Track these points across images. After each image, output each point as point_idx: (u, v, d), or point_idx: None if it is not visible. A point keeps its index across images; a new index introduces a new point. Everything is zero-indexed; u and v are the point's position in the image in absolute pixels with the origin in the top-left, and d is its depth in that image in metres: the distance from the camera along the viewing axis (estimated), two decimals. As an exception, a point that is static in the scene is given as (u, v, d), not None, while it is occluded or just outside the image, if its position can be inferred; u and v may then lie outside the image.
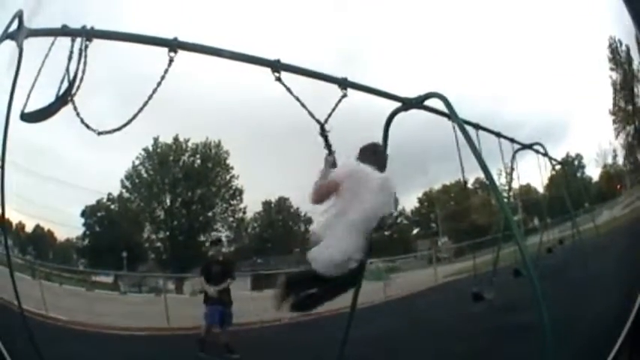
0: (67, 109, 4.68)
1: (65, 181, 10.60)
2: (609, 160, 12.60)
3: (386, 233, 14.62)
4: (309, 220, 14.36)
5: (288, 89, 5.30)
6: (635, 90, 10.58)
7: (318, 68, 5.78)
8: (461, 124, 6.15)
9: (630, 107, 10.96)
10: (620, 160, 12.22)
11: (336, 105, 5.64)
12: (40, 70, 4.67)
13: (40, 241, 11.91)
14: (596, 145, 12.36)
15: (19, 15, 4.73)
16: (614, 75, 10.51)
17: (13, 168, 6.12)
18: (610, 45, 10.12)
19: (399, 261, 14.18)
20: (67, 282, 12.30)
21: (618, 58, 10.10)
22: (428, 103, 6.46)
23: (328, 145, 5.53)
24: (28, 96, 4.65)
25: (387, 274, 12.43)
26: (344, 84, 5.61)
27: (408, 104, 6.44)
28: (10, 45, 4.78)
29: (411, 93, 6.53)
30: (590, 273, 9.06)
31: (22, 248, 11.52)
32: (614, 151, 12.16)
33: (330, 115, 5.57)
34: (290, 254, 14.21)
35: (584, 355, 5.44)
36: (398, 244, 14.75)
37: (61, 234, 12.44)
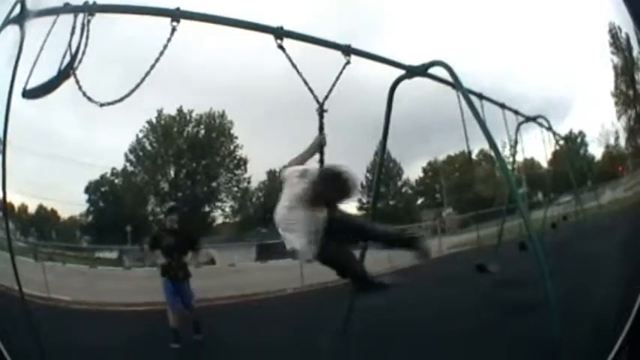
0: (68, 86, 4.68)
1: (68, 157, 10.60)
2: (611, 141, 12.67)
3: (390, 202, 14.66)
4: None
5: (289, 58, 5.30)
6: (636, 77, 10.64)
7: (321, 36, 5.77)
8: (465, 92, 6.19)
9: (631, 92, 11.02)
10: (622, 142, 12.29)
11: (338, 76, 5.64)
12: (42, 47, 4.68)
13: (43, 221, 11.92)
14: (598, 125, 12.41)
15: (21, 0, 4.73)
16: (615, 59, 10.55)
17: (15, 149, 6.09)
18: (610, 30, 10.14)
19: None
20: (70, 261, 12.33)
21: (619, 43, 10.14)
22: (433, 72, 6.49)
23: (321, 126, 5.51)
24: (30, 73, 4.66)
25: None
26: (347, 51, 5.60)
27: (412, 72, 6.44)
28: (13, 27, 4.78)
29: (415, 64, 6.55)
30: (594, 253, 9.12)
31: (25, 230, 11.55)
32: (617, 132, 12.24)
33: (330, 91, 5.55)
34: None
35: (590, 332, 5.48)
36: (402, 214, 14.75)
37: (65, 212, 12.46)
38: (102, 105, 4.85)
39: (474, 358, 6.33)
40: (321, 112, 5.50)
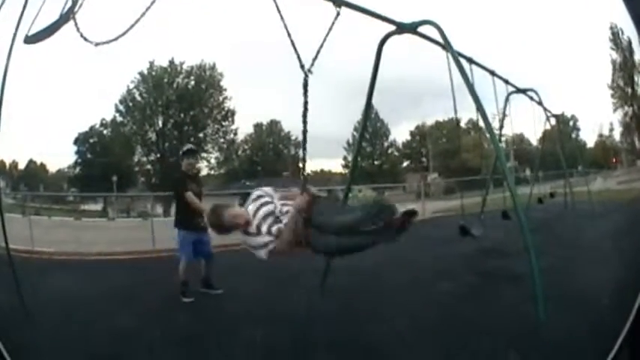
0: (63, 37, 4.66)
1: (60, 109, 10.58)
2: (605, 132, 12.81)
3: (375, 162, 14.74)
4: (299, 145, 14.43)
5: (278, 9, 5.19)
6: (636, 78, 10.74)
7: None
8: (454, 54, 6.17)
9: (629, 89, 11.13)
10: (617, 135, 12.44)
11: (329, 31, 5.54)
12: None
13: (32, 176, 11.97)
14: (591, 113, 12.54)
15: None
16: (614, 54, 10.62)
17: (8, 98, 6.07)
18: (611, 27, 10.21)
19: (388, 193, 14.22)
20: (56, 214, 12.37)
21: (619, 41, 10.22)
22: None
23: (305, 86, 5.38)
24: (33, 22, 4.66)
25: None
26: (338, 2, 5.54)
27: (401, 28, 6.39)
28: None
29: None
30: (580, 236, 9.24)
31: (15, 186, 11.59)
32: (611, 124, 12.40)
33: (317, 54, 5.45)
34: (279, 177, 14.24)
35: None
36: (387, 175, 14.77)
37: (54, 165, 12.50)
38: (97, 44, 4.83)
39: (451, 318, 6.40)
40: (306, 76, 5.37)
